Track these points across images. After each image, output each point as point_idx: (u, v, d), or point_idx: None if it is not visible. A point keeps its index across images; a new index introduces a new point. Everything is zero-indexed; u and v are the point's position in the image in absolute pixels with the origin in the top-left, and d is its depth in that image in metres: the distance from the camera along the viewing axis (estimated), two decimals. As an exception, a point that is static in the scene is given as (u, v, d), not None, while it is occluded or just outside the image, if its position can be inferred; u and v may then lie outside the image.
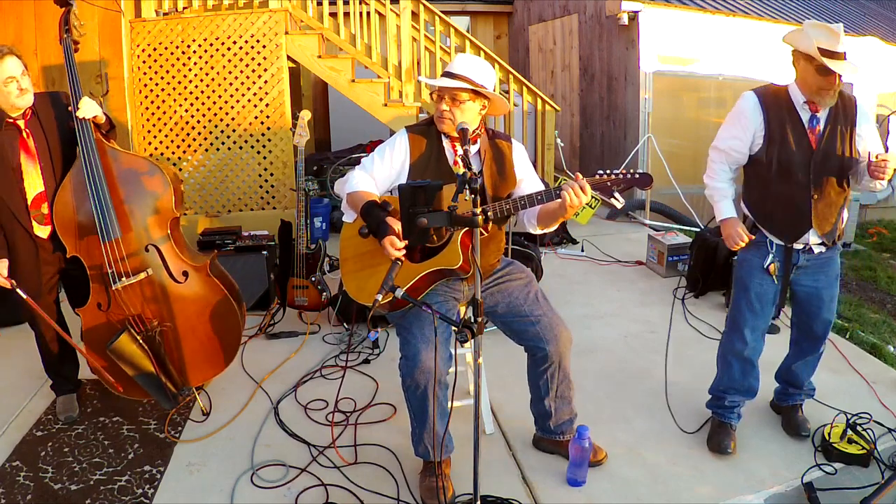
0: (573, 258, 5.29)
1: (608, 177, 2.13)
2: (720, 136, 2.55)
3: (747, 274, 2.56)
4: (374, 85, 5.35)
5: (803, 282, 2.54)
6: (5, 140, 2.56)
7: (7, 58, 2.46)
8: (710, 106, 7.07)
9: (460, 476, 2.42)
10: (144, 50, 5.00)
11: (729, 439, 2.61)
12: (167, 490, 2.44)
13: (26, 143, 2.59)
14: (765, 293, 2.53)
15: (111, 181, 2.67)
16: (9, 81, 2.46)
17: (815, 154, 2.35)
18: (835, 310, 2.60)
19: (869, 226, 7.91)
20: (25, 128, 2.59)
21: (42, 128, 2.63)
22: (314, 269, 3.81)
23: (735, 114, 2.48)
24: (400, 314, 2.31)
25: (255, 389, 3.15)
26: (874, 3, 10.04)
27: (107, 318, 2.73)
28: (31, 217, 2.62)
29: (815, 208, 2.40)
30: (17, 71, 2.49)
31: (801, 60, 2.30)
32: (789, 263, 2.49)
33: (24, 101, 2.54)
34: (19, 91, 2.49)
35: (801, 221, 2.42)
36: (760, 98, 2.41)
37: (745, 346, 2.58)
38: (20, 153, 2.58)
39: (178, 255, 2.80)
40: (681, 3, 6.88)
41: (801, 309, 2.63)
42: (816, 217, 2.40)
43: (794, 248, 2.47)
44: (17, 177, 2.58)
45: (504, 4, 9.95)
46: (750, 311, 2.55)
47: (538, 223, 2.36)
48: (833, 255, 2.53)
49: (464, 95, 2.24)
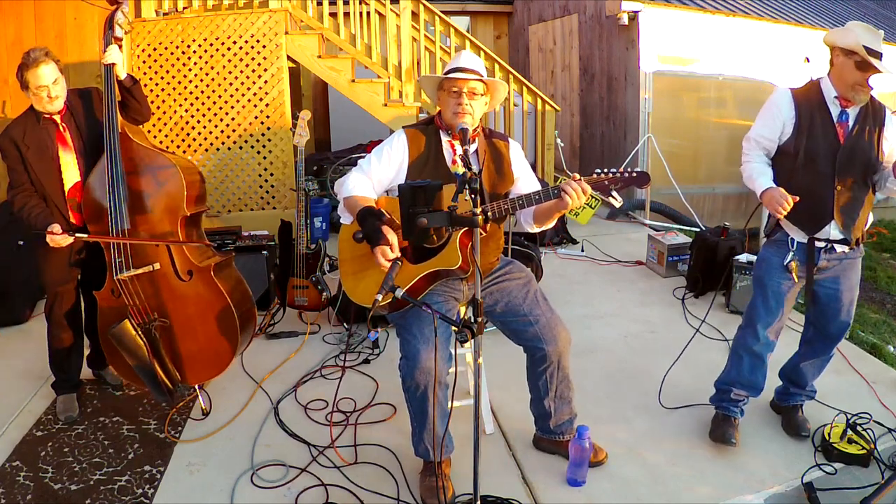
0: (573, 258, 5.29)
1: (606, 176, 2.14)
2: (753, 127, 2.58)
3: (766, 272, 2.58)
4: (374, 85, 5.35)
5: (825, 283, 2.55)
6: (44, 133, 2.71)
7: (41, 66, 2.58)
8: (710, 106, 7.07)
9: (460, 476, 2.42)
10: (144, 50, 5.01)
11: (732, 429, 2.62)
12: (167, 490, 2.44)
13: (63, 136, 2.74)
14: (782, 292, 2.55)
15: (128, 172, 2.73)
16: (40, 89, 2.60)
17: (842, 148, 2.39)
18: (853, 314, 2.60)
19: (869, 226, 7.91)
20: (62, 121, 2.73)
21: (76, 122, 2.77)
22: (314, 269, 3.81)
23: (768, 105, 2.54)
24: (400, 314, 2.31)
25: (255, 389, 3.15)
26: (874, 3, 10.04)
27: (118, 304, 2.77)
28: (68, 206, 2.76)
29: (837, 200, 2.42)
30: (50, 79, 2.61)
31: (841, 55, 2.35)
32: (812, 262, 2.50)
33: (54, 107, 2.68)
34: (49, 99, 2.63)
35: (822, 212, 2.45)
36: (793, 92, 2.48)
37: (758, 343, 2.60)
38: (58, 145, 2.73)
39: (185, 253, 2.80)
40: (681, 3, 6.88)
41: (819, 310, 2.64)
42: (838, 210, 2.43)
43: (815, 245, 2.49)
44: (56, 166, 2.72)
45: (504, 4, 9.95)
46: (765, 308, 2.58)
47: (535, 221, 2.37)
48: (855, 259, 2.55)
49: (480, 88, 2.28)
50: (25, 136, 2.68)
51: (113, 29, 2.76)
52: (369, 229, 2.07)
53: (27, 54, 2.59)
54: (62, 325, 2.87)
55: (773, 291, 2.56)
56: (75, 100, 2.77)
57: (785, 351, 2.83)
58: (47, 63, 2.59)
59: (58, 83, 2.64)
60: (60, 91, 2.66)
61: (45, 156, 2.70)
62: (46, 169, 2.70)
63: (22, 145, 2.67)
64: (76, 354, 2.98)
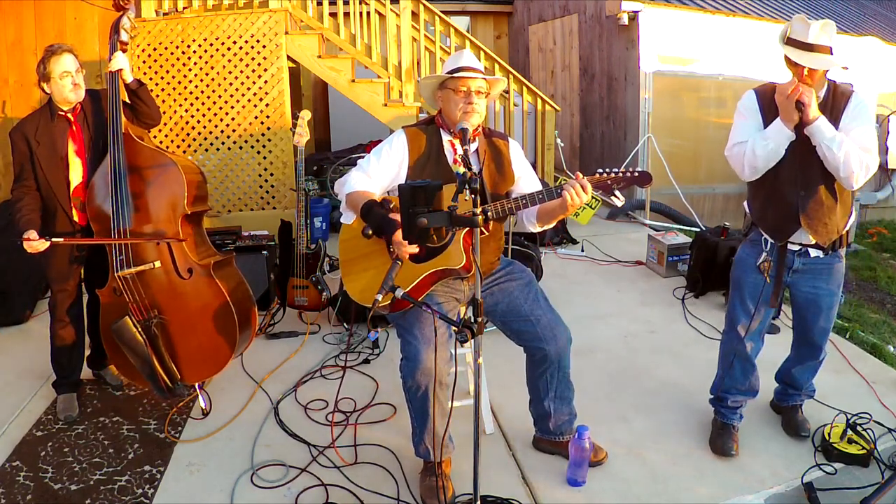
0: (573, 258, 5.29)
1: (609, 175, 2.14)
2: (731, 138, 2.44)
3: (742, 272, 2.55)
4: (374, 85, 5.35)
5: (802, 286, 2.50)
6: (57, 131, 2.74)
7: (65, 54, 2.66)
8: (710, 106, 7.07)
9: (460, 476, 2.42)
10: (144, 50, 5.01)
11: (731, 441, 2.60)
12: (167, 490, 2.44)
13: (74, 136, 2.77)
14: (758, 293, 2.50)
15: (130, 172, 2.75)
16: (65, 75, 2.66)
17: (799, 149, 2.27)
18: (833, 319, 2.54)
19: (869, 226, 7.91)
20: (75, 121, 2.76)
21: (87, 122, 2.80)
22: (314, 269, 3.81)
23: (738, 112, 2.47)
24: (400, 314, 2.31)
25: (255, 389, 3.15)
26: (874, 3, 10.03)
27: (120, 301, 2.78)
28: (72, 205, 2.78)
29: (802, 206, 2.35)
30: (73, 67, 2.68)
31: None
32: (782, 263, 2.46)
33: (76, 96, 2.72)
34: (73, 86, 2.68)
35: (789, 219, 2.38)
36: (758, 94, 2.41)
37: (742, 346, 2.57)
38: (69, 144, 2.75)
39: (185, 251, 2.81)
40: (681, 3, 6.88)
41: (798, 315, 2.60)
42: (806, 216, 2.35)
43: (788, 248, 2.44)
44: (64, 165, 2.75)
45: (504, 4, 9.95)
46: (743, 309, 2.55)
47: (537, 221, 2.37)
48: (833, 262, 2.46)
49: (485, 87, 2.29)
50: (38, 133, 2.71)
51: (119, 34, 2.79)
52: (376, 220, 2.06)
53: (49, 47, 2.67)
54: (65, 321, 2.88)
55: (750, 293, 2.52)
56: (87, 99, 2.81)
57: (781, 351, 2.83)
58: (69, 54, 2.68)
59: (80, 73, 2.71)
60: (82, 81, 2.72)
61: (54, 154, 2.73)
62: (54, 167, 2.73)
63: (33, 142, 2.70)
64: (77, 352, 2.99)
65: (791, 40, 2.23)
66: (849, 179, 2.21)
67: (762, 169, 2.33)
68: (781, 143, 2.26)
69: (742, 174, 2.40)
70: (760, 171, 2.34)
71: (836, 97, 2.30)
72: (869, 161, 2.20)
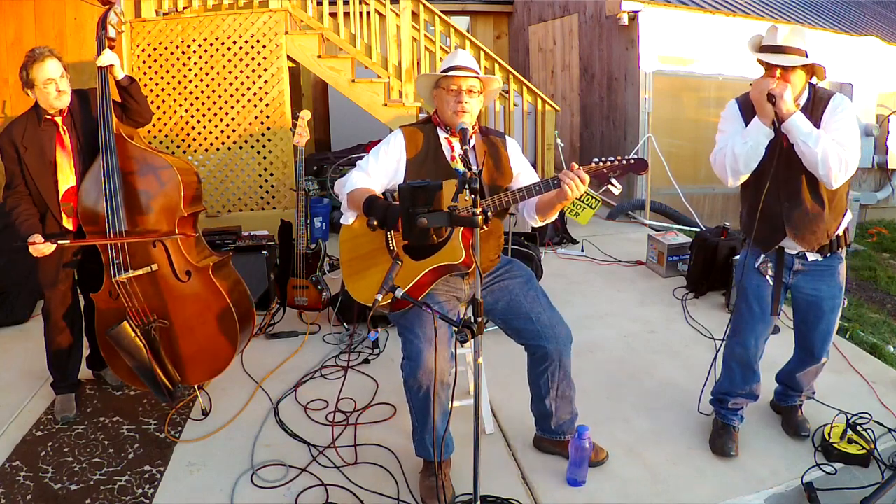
0: (573, 258, 5.29)
1: (604, 164, 2.14)
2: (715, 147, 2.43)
3: (744, 276, 2.55)
4: (374, 85, 5.35)
5: (803, 288, 2.48)
6: (44, 135, 2.70)
7: (48, 60, 2.59)
8: (710, 106, 7.06)
9: (460, 476, 2.42)
10: (144, 50, 5.01)
11: (732, 442, 2.60)
12: (167, 490, 2.44)
13: (62, 140, 2.72)
14: (763, 295, 2.49)
15: (124, 174, 2.72)
16: (48, 83, 2.59)
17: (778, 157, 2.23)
18: (835, 323, 2.52)
19: (869, 226, 7.90)
20: (63, 125, 2.72)
21: (75, 125, 2.75)
22: (314, 269, 3.81)
23: (721, 121, 2.46)
24: (401, 314, 2.31)
25: (255, 389, 3.15)
26: (874, 3, 10.03)
27: (116, 305, 2.76)
28: (62, 210, 2.73)
29: (788, 217, 2.33)
30: (57, 73, 2.61)
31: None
32: (781, 264, 2.45)
33: (62, 103, 2.67)
34: (58, 93, 2.62)
35: (775, 230, 2.36)
36: (739, 103, 2.41)
37: (746, 351, 2.56)
38: (56, 148, 2.70)
39: (183, 253, 2.80)
40: (681, 3, 6.88)
41: (800, 317, 2.58)
42: (791, 227, 2.33)
43: (785, 251, 2.43)
44: (52, 169, 2.70)
45: (504, 4, 9.96)
46: (749, 313, 2.53)
47: (538, 214, 2.37)
48: (833, 264, 2.44)
49: (478, 86, 2.29)
50: (25, 137, 2.67)
51: (106, 30, 2.73)
52: (381, 211, 2.04)
53: (31, 52, 2.60)
54: (58, 326, 2.86)
55: (755, 295, 2.50)
56: (75, 101, 2.76)
57: (781, 351, 2.83)
58: (52, 59, 2.60)
59: (64, 78, 2.64)
60: (67, 87, 2.66)
61: (42, 158, 2.68)
62: (42, 171, 2.68)
63: (20, 146, 2.66)
64: (74, 356, 2.97)
65: (763, 46, 2.25)
66: (828, 177, 2.17)
67: (743, 171, 2.30)
68: (760, 140, 2.23)
69: (725, 180, 2.36)
70: (742, 174, 2.31)
71: (816, 102, 2.29)
72: (848, 157, 2.16)
